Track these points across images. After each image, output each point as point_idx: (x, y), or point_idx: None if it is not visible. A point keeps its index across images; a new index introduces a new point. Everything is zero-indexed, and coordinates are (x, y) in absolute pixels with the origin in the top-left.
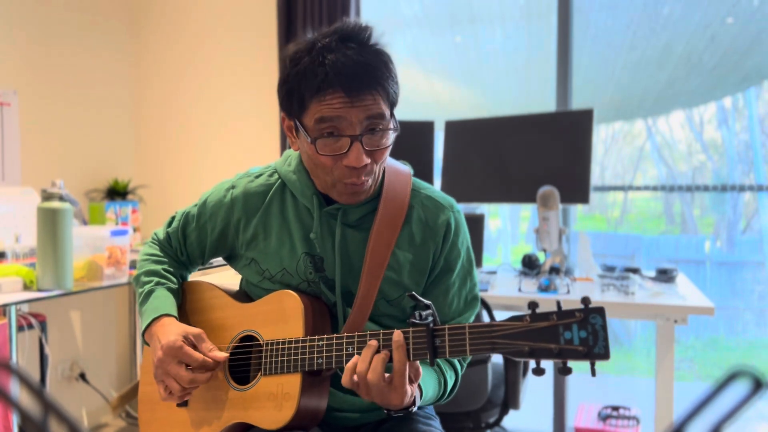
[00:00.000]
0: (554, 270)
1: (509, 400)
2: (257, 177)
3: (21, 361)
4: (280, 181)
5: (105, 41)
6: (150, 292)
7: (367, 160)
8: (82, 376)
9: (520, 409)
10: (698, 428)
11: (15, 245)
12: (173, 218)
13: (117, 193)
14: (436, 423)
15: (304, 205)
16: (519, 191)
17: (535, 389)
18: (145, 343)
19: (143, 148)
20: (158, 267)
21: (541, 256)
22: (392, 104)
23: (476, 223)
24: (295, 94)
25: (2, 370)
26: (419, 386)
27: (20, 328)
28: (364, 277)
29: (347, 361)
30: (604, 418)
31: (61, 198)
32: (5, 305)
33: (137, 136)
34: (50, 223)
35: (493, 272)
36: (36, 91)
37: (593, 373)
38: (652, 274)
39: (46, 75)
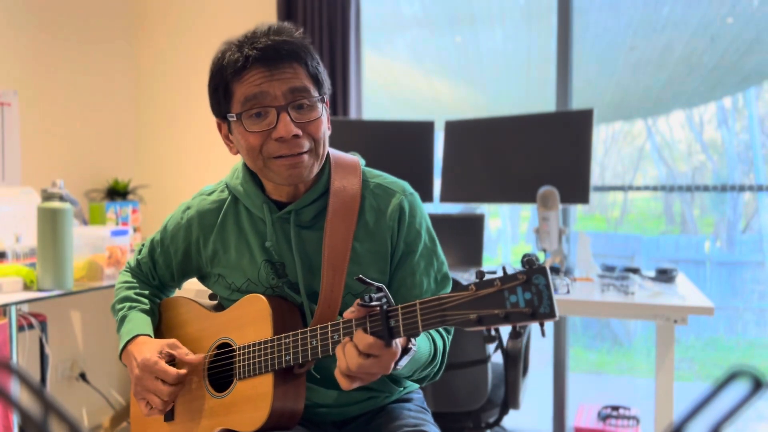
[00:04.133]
0: (554, 270)
1: (509, 400)
2: (209, 194)
3: (21, 361)
4: (231, 195)
5: (105, 41)
6: (123, 318)
7: (298, 131)
8: (82, 376)
9: (520, 409)
10: (698, 428)
11: (15, 245)
12: (143, 246)
13: (117, 193)
14: (428, 416)
15: (257, 215)
16: (519, 191)
17: (535, 389)
18: (124, 365)
19: (143, 148)
20: (130, 292)
21: (541, 256)
22: (316, 81)
23: (476, 223)
24: (219, 87)
25: (2, 370)
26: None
27: (20, 328)
28: (325, 274)
29: (313, 354)
30: (604, 418)
31: (61, 198)
32: (5, 305)
33: (137, 136)
34: (50, 223)
35: (493, 272)
36: (36, 91)
37: (543, 333)
38: (652, 274)
39: (46, 75)
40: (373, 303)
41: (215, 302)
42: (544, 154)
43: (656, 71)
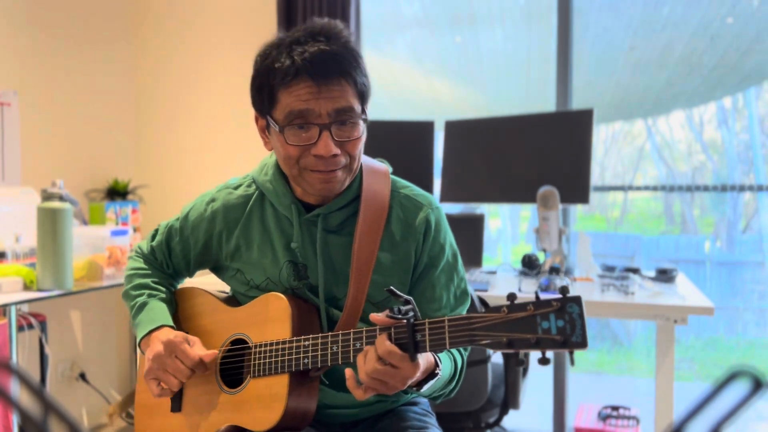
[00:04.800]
0: (554, 270)
1: (509, 400)
2: (236, 188)
3: (21, 361)
4: (258, 191)
5: (105, 42)
6: (144, 304)
7: (337, 150)
8: (82, 376)
9: (520, 409)
10: (698, 428)
11: (15, 245)
12: (156, 231)
13: (117, 193)
14: (433, 419)
15: (284, 214)
16: (519, 191)
17: (535, 389)
18: (142, 352)
19: (143, 148)
20: (147, 280)
21: (541, 256)
22: (362, 97)
23: (476, 223)
24: (264, 88)
25: (2, 370)
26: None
27: (20, 328)
28: (353, 281)
29: (332, 360)
30: (604, 418)
31: (61, 198)
32: (5, 305)
33: (137, 136)
34: (50, 223)
35: (493, 272)
36: (36, 91)
37: (572, 362)
38: (652, 274)
39: (46, 75)
40: (402, 315)
41: (230, 295)
42: (544, 154)
43: (656, 71)
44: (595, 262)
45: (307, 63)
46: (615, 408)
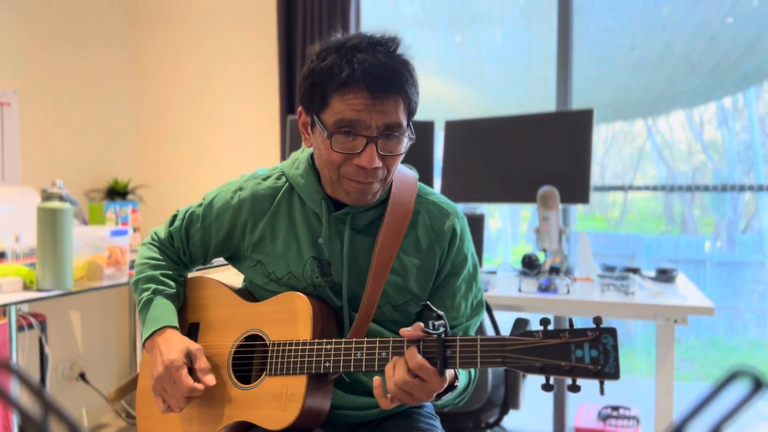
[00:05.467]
0: (554, 270)
1: (509, 400)
2: (265, 179)
3: (21, 361)
4: (288, 184)
5: (105, 41)
6: (149, 301)
7: (379, 163)
8: (82, 376)
9: (520, 409)
10: (698, 428)
11: (15, 245)
12: (175, 217)
13: (117, 193)
14: (437, 422)
15: (312, 209)
16: (519, 191)
17: (535, 389)
18: (147, 351)
19: (143, 148)
20: (156, 272)
21: (541, 256)
22: (410, 113)
23: (476, 223)
24: (317, 89)
25: (2, 370)
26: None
27: (20, 328)
28: (370, 281)
29: (356, 367)
30: (604, 418)
31: (61, 198)
32: (5, 305)
33: (137, 136)
34: (50, 223)
35: (493, 272)
36: (36, 91)
37: (602, 392)
38: (652, 274)
39: (46, 75)
40: (433, 330)
41: (244, 288)
42: (544, 154)
43: (656, 71)
44: (595, 262)
45: (366, 74)
46: (615, 408)
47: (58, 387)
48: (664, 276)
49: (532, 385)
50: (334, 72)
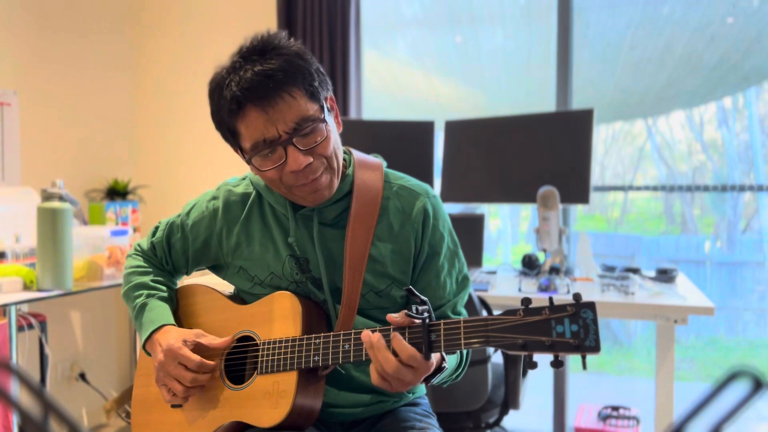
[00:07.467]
0: (554, 270)
1: (509, 400)
2: (235, 186)
3: (21, 361)
4: (256, 190)
5: (105, 42)
6: (144, 305)
7: (309, 159)
8: (82, 376)
9: (520, 409)
10: (698, 428)
11: (15, 245)
12: (157, 228)
13: (117, 193)
14: (433, 420)
15: (281, 211)
16: (519, 191)
17: (535, 389)
18: (147, 353)
19: (143, 148)
20: (145, 279)
21: (541, 256)
22: (315, 95)
23: (476, 223)
24: (223, 126)
25: (2, 370)
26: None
27: (20, 328)
28: (347, 273)
29: (344, 358)
30: (604, 418)
31: (61, 198)
32: (5, 305)
33: (137, 136)
34: (50, 223)
35: (493, 272)
36: (36, 91)
37: (584, 366)
38: (652, 274)
39: (46, 75)
40: (417, 315)
41: (234, 293)
42: (544, 154)
43: (656, 71)
44: (595, 262)
45: (247, 91)
46: (615, 408)
47: (58, 387)
48: (664, 276)
49: (532, 385)
50: (224, 105)
